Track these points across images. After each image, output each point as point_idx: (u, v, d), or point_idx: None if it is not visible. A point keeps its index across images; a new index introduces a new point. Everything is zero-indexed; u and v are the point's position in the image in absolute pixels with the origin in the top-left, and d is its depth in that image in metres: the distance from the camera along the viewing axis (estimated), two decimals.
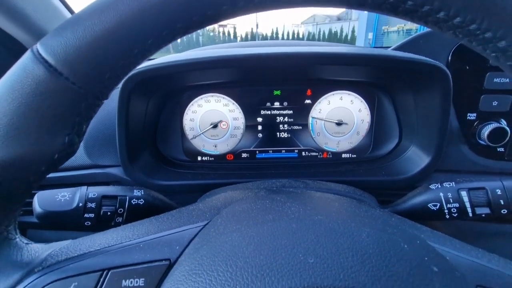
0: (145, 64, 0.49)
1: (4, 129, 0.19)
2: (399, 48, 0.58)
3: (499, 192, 0.41)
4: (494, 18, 0.17)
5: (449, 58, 0.54)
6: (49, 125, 0.20)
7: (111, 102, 0.55)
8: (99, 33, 0.19)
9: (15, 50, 0.64)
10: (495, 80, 0.52)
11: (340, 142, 0.65)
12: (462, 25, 0.18)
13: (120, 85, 0.48)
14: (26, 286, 0.23)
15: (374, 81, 0.61)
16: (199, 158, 0.66)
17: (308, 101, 0.63)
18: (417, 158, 0.57)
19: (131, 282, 0.23)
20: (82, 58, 0.19)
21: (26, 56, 0.20)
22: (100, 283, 0.23)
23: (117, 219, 0.41)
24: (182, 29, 0.20)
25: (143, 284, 0.23)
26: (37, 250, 0.25)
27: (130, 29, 0.19)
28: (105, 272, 0.23)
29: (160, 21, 0.19)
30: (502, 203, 0.40)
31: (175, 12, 0.19)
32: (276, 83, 0.63)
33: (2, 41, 0.62)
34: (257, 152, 0.66)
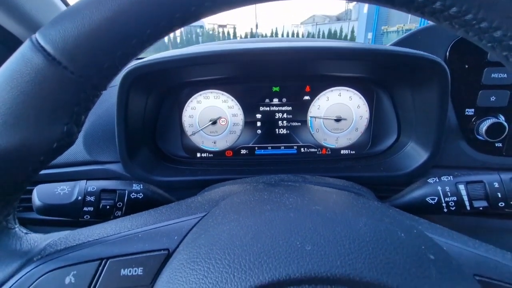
0: (143, 59, 0.49)
1: (3, 117, 0.19)
2: (398, 43, 0.58)
3: (496, 185, 0.41)
4: (490, 8, 0.17)
5: (447, 53, 0.54)
6: (48, 114, 0.20)
7: (110, 99, 0.55)
8: (97, 22, 0.19)
9: (14, 46, 0.64)
10: (493, 75, 0.53)
11: (338, 139, 0.65)
12: (458, 15, 0.18)
13: (119, 81, 0.49)
14: (25, 274, 0.23)
15: (372, 77, 0.61)
16: (198, 155, 0.66)
17: (307, 98, 0.63)
18: (416, 154, 0.57)
19: (130, 271, 0.23)
20: (81, 48, 0.19)
21: (25, 45, 0.20)
22: (99, 271, 0.23)
23: (116, 213, 0.41)
24: (180, 20, 0.20)
25: (141, 273, 0.23)
26: (36, 240, 0.26)
27: (128, 19, 0.19)
28: (103, 261, 0.24)
29: (158, 11, 0.19)
30: (500, 196, 0.41)
31: (173, 2, 0.19)
32: (275, 80, 0.63)
33: (1, 37, 0.62)
34: (256, 148, 0.66)
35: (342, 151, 0.66)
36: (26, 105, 0.20)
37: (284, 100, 0.63)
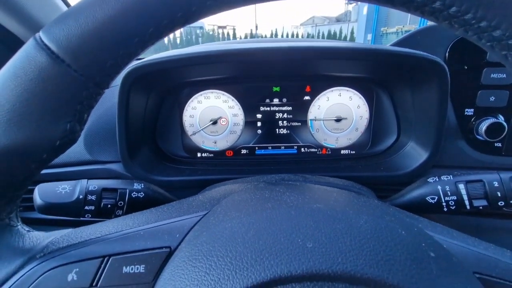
0: (144, 59, 0.49)
1: (7, 115, 0.19)
2: (397, 44, 0.59)
3: (496, 184, 0.41)
4: (489, 7, 0.17)
5: (447, 54, 0.55)
6: (51, 112, 0.20)
7: (111, 98, 0.56)
8: (101, 21, 0.19)
9: (14, 46, 0.65)
10: (492, 75, 0.53)
11: (339, 139, 0.65)
12: (457, 15, 0.18)
13: (120, 81, 0.49)
14: (27, 272, 0.23)
15: (372, 77, 0.61)
16: (198, 155, 0.66)
17: (307, 98, 0.63)
18: (416, 154, 0.57)
19: (132, 269, 0.23)
20: (84, 46, 0.20)
21: (29, 44, 0.20)
22: (101, 269, 0.23)
23: (117, 212, 0.41)
24: (182, 19, 0.21)
25: (143, 271, 0.23)
26: (38, 237, 0.26)
27: (130, 18, 0.19)
28: (106, 259, 0.24)
29: (160, 10, 0.20)
30: (499, 195, 0.41)
31: (175, 2, 0.20)
32: (275, 80, 0.63)
33: (2, 37, 0.63)
34: (257, 148, 0.66)
35: (342, 151, 0.66)
36: (30, 103, 0.20)
37: (284, 100, 0.64)
